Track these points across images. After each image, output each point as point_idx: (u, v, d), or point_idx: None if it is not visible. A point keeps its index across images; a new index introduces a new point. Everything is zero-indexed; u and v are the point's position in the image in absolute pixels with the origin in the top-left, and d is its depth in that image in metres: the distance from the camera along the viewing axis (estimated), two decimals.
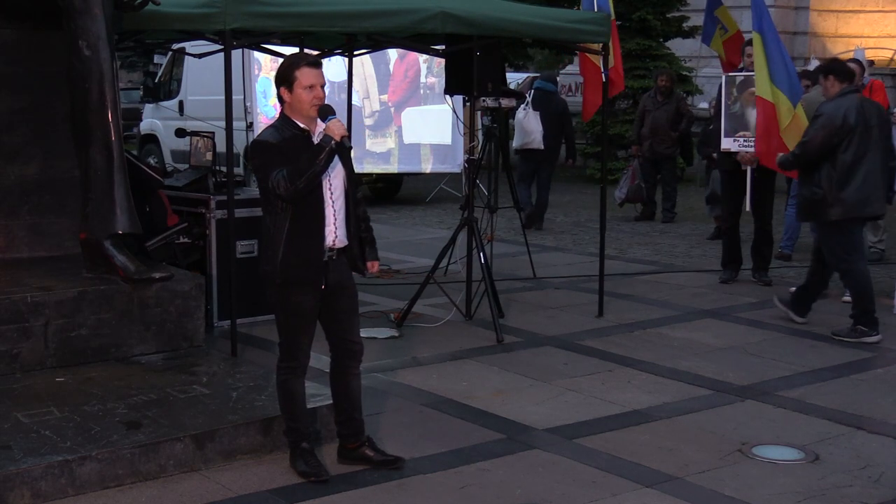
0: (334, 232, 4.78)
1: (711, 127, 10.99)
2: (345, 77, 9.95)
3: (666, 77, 13.59)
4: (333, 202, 4.77)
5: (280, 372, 4.92)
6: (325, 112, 4.71)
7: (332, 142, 4.61)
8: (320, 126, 4.74)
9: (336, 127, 4.65)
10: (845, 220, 7.50)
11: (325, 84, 4.75)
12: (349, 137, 4.79)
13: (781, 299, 8.19)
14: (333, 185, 4.77)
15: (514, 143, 12.93)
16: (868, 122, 7.49)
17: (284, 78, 4.69)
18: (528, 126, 12.59)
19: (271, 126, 4.77)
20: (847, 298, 8.62)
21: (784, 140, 8.32)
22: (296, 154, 4.63)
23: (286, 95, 4.70)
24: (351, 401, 5.02)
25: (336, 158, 4.73)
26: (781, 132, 8.33)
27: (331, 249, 4.78)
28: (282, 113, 4.78)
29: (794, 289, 8.30)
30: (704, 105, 12.74)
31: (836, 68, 7.77)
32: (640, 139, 13.56)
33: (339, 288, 4.86)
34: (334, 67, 11.67)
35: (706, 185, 11.80)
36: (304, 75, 4.65)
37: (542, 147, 12.65)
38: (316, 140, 4.71)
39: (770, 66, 8.39)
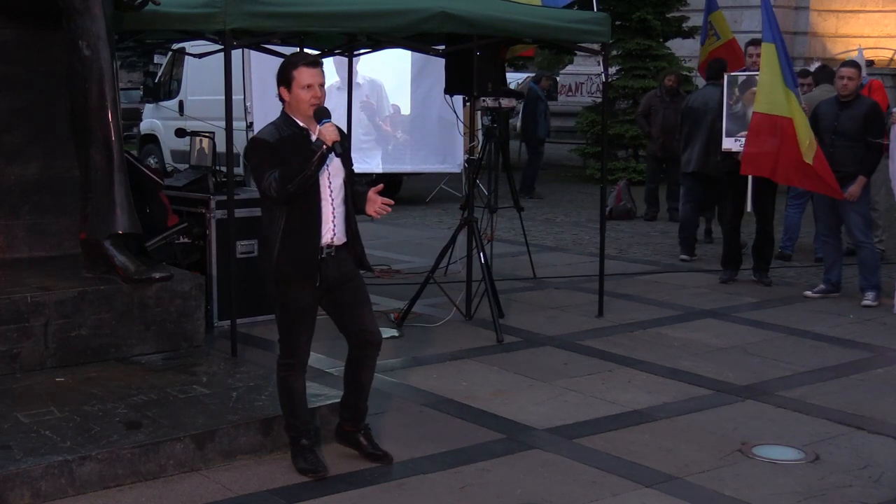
0: (332, 230, 4.81)
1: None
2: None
3: (674, 78, 13.71)
4: (333, 200, 4.80)
5: (279, 369, 4.95)
6: (320, 115, 4.72)
7: (323, 146, 4.65)
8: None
9: (328, 132, 4.67)
10: (682, 173, 10.99)
11: (323, 83, 4.77)
12: (345, 140, 4.81)
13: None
14: (333, 185, 4.80)
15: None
16: (706, 105, 10.25)
17: (283, 77, 4.74)
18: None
19: (272, 124, 4.81)
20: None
21: (804, 156, 8.29)
22: (292, 153, 4.66)
23: (285, 95, 4.75)
24: (359, 390, 5.06)
25: (336, 158, 4.76)
26: (804, 152, 8.29)
27: (329, 247, 4.81)
28: (283, 111, 4.82)
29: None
30: None
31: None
32: (651, 138, 13.65)
33: (340, 283, 4.88)
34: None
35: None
36: (301, 75, 4.70)
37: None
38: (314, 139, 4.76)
39: (784, 76, 8.40)
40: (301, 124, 4.77)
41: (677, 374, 6.68)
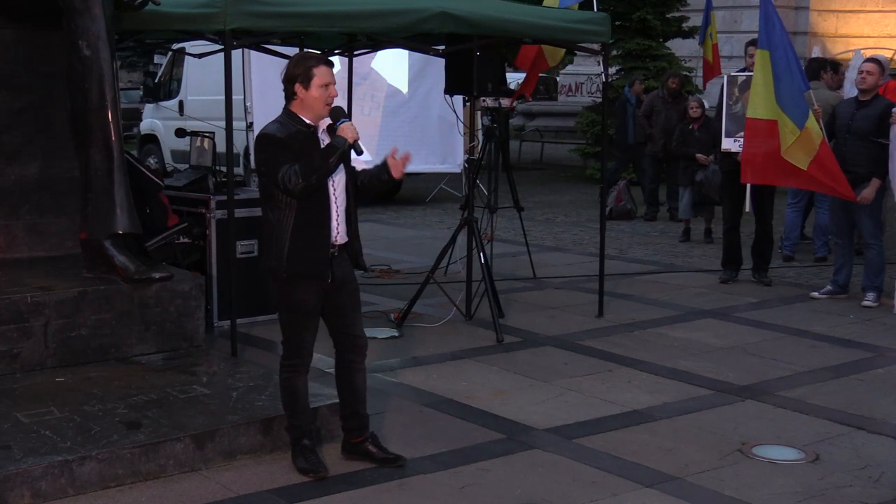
0: (336, 228, 4.84)
1: (691, 126, 11.75)
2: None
3: (677, 80, 13.76)
4: (336, 199, 4.83)
5: (283, 370, 4.93)
6: (338, 114, 4.79)
7: (346, 144, 4.69)
8: (323, 123, 4.82)
9: (350, 130, 4.73)
10: None
11: (335, 83, 4.82)
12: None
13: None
14: (336, 183, 4.83)
15: None
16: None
17: (302, 75, 4.73)
18: None
19: (275, 121, 4.81)
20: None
21: (789, 159, 8.23)
22: (301, 150, 4.68)
23: (301, 92, 4.74)
24: (355, 395, 5.05)
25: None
26: (783, 152, 8.23)
27: (333, 245, 4.83)
28: (287, 109, 4.82)
29: None
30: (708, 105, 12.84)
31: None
32: (653, 139, 13.65)
33: (341, 283, 4.90)
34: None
35: (686, 186, 11.88)
36: (321, 74, 4.72)
37: None
38: (322, 137, 4.79)
39: (777, 84, 8.28)
40: (308, 122, 4.78)
41: (677, 374, 6.68)
